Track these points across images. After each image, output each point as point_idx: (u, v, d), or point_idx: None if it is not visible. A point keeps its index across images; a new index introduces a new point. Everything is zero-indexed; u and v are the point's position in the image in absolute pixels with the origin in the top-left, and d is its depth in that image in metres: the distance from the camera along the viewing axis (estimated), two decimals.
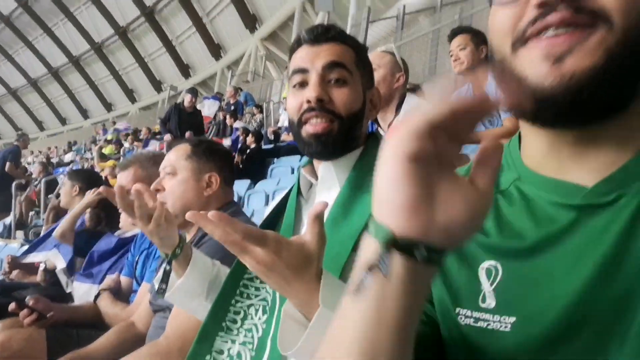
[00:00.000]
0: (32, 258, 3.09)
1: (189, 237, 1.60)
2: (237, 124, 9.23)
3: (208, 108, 11.42)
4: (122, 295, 2.09)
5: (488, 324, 0.57)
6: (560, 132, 0.56)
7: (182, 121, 7.44)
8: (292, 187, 1.15)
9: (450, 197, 0.42)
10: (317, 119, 1.02)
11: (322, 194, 1.08)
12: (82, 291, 2.34)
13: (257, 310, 1.06)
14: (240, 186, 5.76)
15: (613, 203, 0.53)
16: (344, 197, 1.02)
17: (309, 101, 1.01)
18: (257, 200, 5.29)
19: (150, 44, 24.56)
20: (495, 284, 0.58)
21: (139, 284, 1.94)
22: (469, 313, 0.60)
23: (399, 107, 2.04)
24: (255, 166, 6.57)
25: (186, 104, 7.62)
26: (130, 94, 27.45)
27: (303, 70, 1.03)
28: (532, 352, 0.54)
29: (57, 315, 1.89)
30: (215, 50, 22.33)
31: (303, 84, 1.04)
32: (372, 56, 2.11)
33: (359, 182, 1.02)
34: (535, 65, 0.53)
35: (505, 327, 0.56)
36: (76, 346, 1.67)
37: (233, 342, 1.06)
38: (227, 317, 1.07)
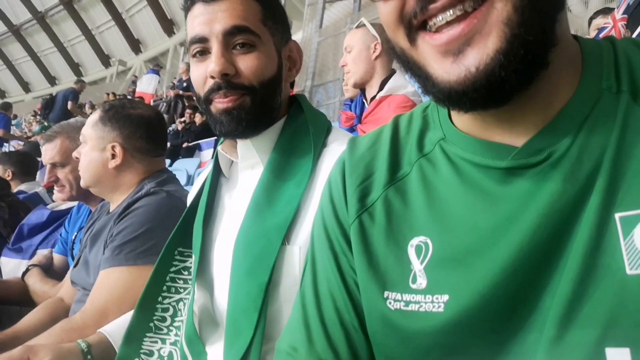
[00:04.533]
0: None
1: (112, 207, 1.49)
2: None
3: (147, 83, 10.49)
4: (53, 272, 1.95)
5: (420, 307, 0.53)
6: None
7: None
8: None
9: None
10: (226, 97, 0.89)
11: (245, 172, 0.98)
12: (9, 267, 2.17)
13: (185, 305, 1.00)
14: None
15: (543, 162, 0.49)
16: (267, 181, 0.91)
17: (213, 77, 0.88)
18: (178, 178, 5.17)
19: (99, 16, 23.39)
20: (425, 261, 0.54)
21: None
22: (398, 296, 0.55)
23: (386, 81, 1.96)
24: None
25: None
26: (75, 68, 26.13)
27: (202, 39, 0.88)
28: (467, 331, 0.50)
29: None
30: (168, 26, 21.56)
31: (204, 52, 0.90)
32: (345, 40, 2.03)
33: (282, 162, 0.92)
34: (436, 62, 0.48)
35: (439, 307, 0.52)
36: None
37: (163, 341, 1.00)
38: (154, 315, 1.00)
